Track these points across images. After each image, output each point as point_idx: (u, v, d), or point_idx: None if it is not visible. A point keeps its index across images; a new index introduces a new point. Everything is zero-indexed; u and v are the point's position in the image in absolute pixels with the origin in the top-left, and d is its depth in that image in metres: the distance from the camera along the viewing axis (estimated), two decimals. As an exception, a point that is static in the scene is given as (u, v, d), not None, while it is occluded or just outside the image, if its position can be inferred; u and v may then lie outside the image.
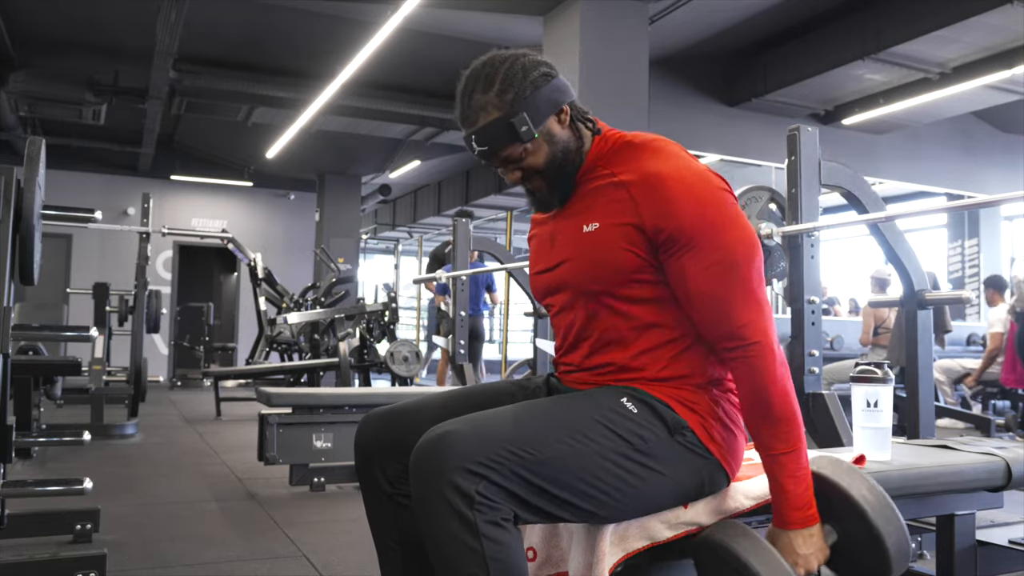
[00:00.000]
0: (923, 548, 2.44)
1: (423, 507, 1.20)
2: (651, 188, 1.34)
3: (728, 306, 1.32)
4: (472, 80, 1.38)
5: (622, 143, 1.43)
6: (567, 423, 1.28)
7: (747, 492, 1.42)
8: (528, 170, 1.41)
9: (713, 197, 1.34)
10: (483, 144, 1.37)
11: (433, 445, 1.21)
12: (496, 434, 1.23)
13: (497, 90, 1.36)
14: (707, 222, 1.32)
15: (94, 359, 5.40)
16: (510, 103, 1.35)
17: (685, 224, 1.31)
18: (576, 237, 1.42)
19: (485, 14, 6.12)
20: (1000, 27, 6.06)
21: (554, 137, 1.40)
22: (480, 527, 1.16)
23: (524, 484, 1.21)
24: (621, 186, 1.37)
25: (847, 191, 2.56)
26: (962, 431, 5.66)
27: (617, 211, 1.36)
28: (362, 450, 1.48)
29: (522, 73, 1.37)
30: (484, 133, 1.36)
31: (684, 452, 1.34)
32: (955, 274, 10.59)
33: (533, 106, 1.36)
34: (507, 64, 1.37)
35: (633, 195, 1.35)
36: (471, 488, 1.17)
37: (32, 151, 2.10)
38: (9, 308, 2.06)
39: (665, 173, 1.34)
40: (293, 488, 3.70)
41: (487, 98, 1.36)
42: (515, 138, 1.36)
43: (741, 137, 7.88)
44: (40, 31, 7.13)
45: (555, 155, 1.40)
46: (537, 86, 1.37)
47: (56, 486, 2.44)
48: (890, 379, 1.73)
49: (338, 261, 9.03)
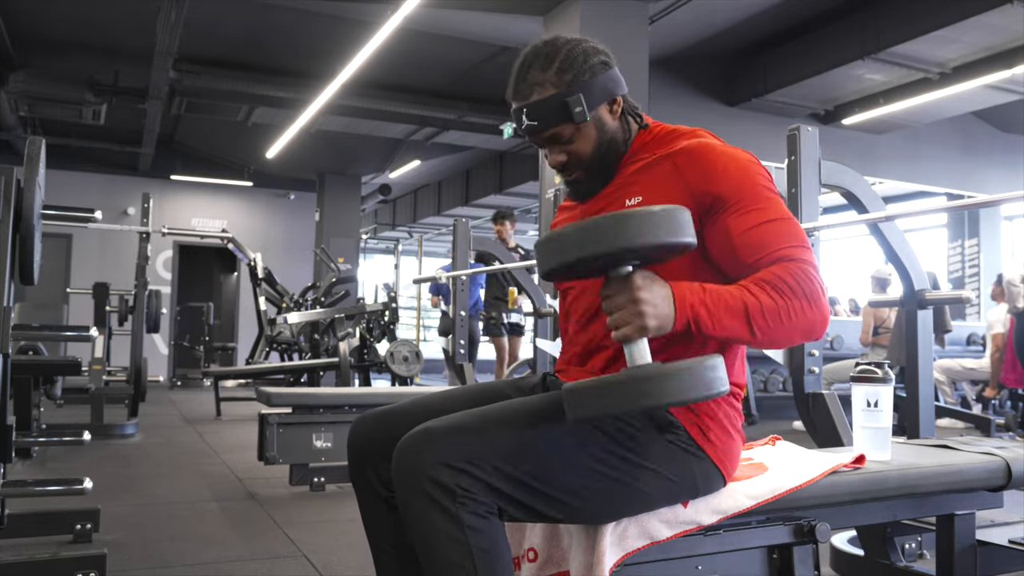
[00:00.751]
0: (923, 548, 2.44)
1: (406, 504, 1.21)
2: (697, 156, 1.35)
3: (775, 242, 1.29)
4: (531, 56, 1.39)
5: (665, 132, 1.45)
6: (552, 419, 1.27)
7: (747, 492, 1.42)
8: (573, 154, 1.41)
9: (755, 167, 1.37)
10: (534, 119, 1.37)
11: (414, 443, 1.22)
12: (477, 430, 1.23)
13: (557, 69, 1.36)
14: (753, 186, 1.33)
15: (94, 359, 5.40)
16: (568, 83, 1.36)
17: (733, 185, 1.32)
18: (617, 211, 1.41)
19: (485, 14, 6.12)
20: (1000, 27, 6.06)
21: (604, 125, 1.41)
22: (464, 518, 1.17)
23: (506, 479, 1.21)
24: (666, 159, 1.38)
25: (847, 191, 2.56)
26: (962, 431, 5.66)
27: (663, 183, 1.37)
28: (355, 452, 1.48)
29: (583, 56, 1.38)
30: (537, 108, 1.37)
31: (675, 451, 1.33)
32: (955, 274, 10.60)
33: (589, 90, 1.37)
34: (569, 46, 1.39)
35: (678, 164, 1.36)
36: (451, 482, 1.17)
37: (32, 151, 2.10)
38: (9, 308, 2.06)
39: (710, 144, 1.37)
40: (293, 488, 3.70)
41: (546, 75, 1.36)
42: (567, 118, 1.36)
43: (741, 137, 7.85)
44: (40, 31, 7.13)
45: (602, 143, 1.41)
46: (595, 72, 1.38)
47: (56, 486, 2.44)
48: (890, 379, 1.73)
49: (338, 261, 9.03)
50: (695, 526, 1.37)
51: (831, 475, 1.53)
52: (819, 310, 1.25)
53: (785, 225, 1.31)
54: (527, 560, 1.46)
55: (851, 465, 1.60)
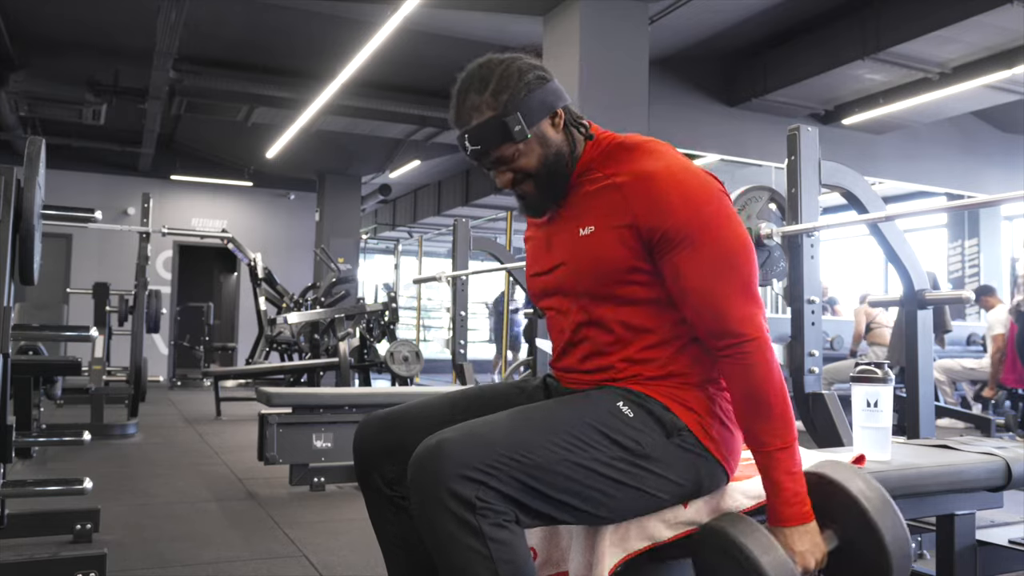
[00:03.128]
0: (923, 548, 2.44)
1: (425, 517, 1.20)
2: (644, 188, 1.34)
3: (724, 303, 1.32)
4: (467, 81, 1.39)
5: (614, 145, 1.43)
6: (563, 428, 1.28)
7: (746, 491, 1.42)
8: (519, 172, 1.41)
9: (706, 195, 1.34)
10: (476, 143, 1.38)
11: (429, 454, 1.22)
12: (492, 440, 1.23)
13: (492, 90, 1.36)
14: (701, 220, 1.32)
15: (94, 359, 5.40)
16: (504, 104, 1.36)
17: (680, 222, 1.31)
18: (572, 241, 1.42)
19: (485, 14, 6.11)
20: (1000, 27, 6.06)
21: (547, 140, 1.40)
22: (485, 531, 1.17)
23: (522, 488, 1.21)
24: (614, 188, 1.38)
25: (847, 191, 2.56)
26: (962, 431, 5.66)
27: (612, 213, 1.37)
28: (360, 454, 1.48)
29: (517, 75, 1.37)
30: (477, 132, 1.37)
31: (681, 453, 1.34)
32: (955, 274, 10.59)
33: (527, 107, 1.37)
34: (503, 66, 1.38)
35: (626, 195, 1.35)
36: (470, 494, 1.17)
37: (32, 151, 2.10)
38: (9, 308, 2.06)
39: (657, 172, 1.34)
40: (293, 488, 3.70)
41: (482, 98, 1.36)
42: (508, 138, 1.36)
43: (741, 137, 7.88)
44: (40, 31, 7.13)
45: (547, 157, 1.40)
46: (531, 88, 1.38)
47: (56, 486, 2.44)
48: (890, 379, 1.73)
49: (338, 261, 9.03)
50: (695, 526, 1.37)
51: (831, 475, 1.52)
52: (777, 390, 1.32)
53: (734, 281, 1.33)
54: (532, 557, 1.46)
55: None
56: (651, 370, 1.38)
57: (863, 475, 1.38)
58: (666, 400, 1.36)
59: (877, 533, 1.30)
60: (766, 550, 1.25)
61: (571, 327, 1.45)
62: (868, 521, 1.31)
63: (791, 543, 1.30)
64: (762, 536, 1.27)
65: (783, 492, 1.31)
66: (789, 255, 2.54)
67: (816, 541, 1.32)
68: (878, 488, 1.35)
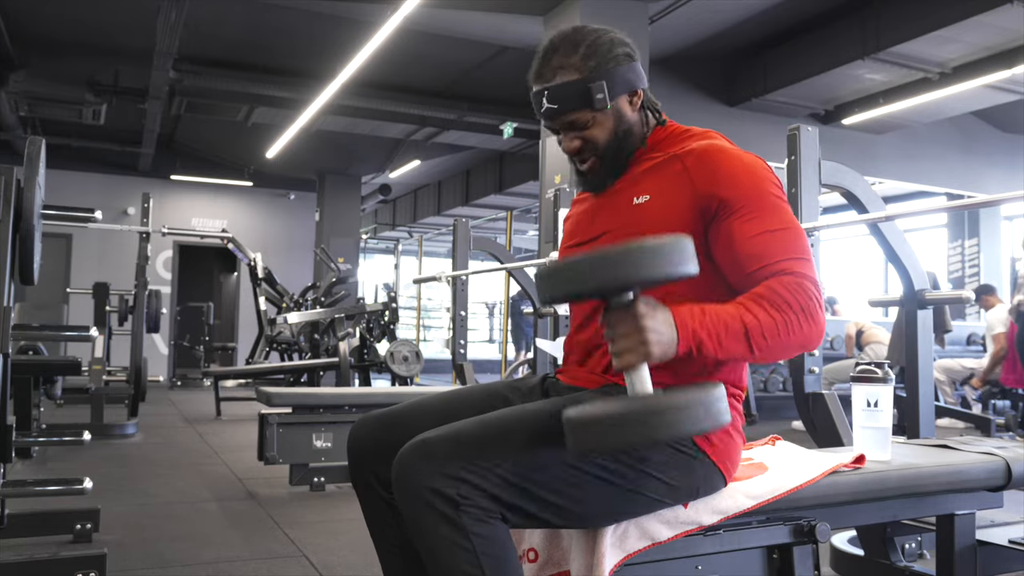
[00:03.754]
0: (923, 548, 2.44)
1: (410, 515, 1.21)
2: (707, 159, 1.35)
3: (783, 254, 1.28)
4: (557, 42, 1.40)
5: (679, 131, 1.46)
6: (548, 426, 1.25)
7: (747, 492, 1.42)
8: (589, 141, 1.41)
9: (764, 172, 1.36)
10: (554, 102, 1.38)
11: (411, 454, 1.22)
12: (475, 439, 1.23)
13: (582, 55, 1.37)
14: (760, 193, 1.33)
15: (94, 359, 5.40)
16: (592, 69, 1.37)
17: (739, 191, 1.32)
18: (623, 209, 1.41)
19: (485, 14, 6.12)
20: (1000, 27, 6.06)
21: (623, 115, 1.41)
22: (468, 526, 1.17)
23: (507, 487, 1.21)
24: (676, 159, 1.38)
25: (847, 191, 2.56)
26: (962, 431, 5.66)
27: (670, 184, 1.37)
28: (355, 455, 1.48)
29: (608, 45, 1.39)
30: (559, 91, 1.37)
31: (677, 455, 1.32)
32: (955, 274, 10.59)
33: (612, 79, 1.38)
34: (595, 34, 1.40)
35: (687, 166, 1.36)
36: (452, 491, 1.17)
37: (32, 151, 2.10)
38: (9, 308, 2.06)
39: (721, 147, 1.37)
40: (293, 488, 3.70)
41: (570, 60, 1.37)
42: (588, 103, 1.37)
43: (741, 137, 7.75)
44: (40, 31, 7.13)
45: (618, 132, 1.41)
46: (619, 62, 1.39)
47: (56, 486, 2.44)
48: (890, 379, 1.73)
49: (338, 261, 9.03)
50: (695, 526, 1.37)
51: (831, 475, 1.53)
52: (815, 324, 1.26)
53: (788, 235, 1.31)
54: (527, 560, 1.46)
55: (851, 465, 1.60)
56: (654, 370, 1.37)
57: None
58: None
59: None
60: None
61: (593, 308, 1.42)
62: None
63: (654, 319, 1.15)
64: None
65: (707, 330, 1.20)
66: (789, 255, 2.53)
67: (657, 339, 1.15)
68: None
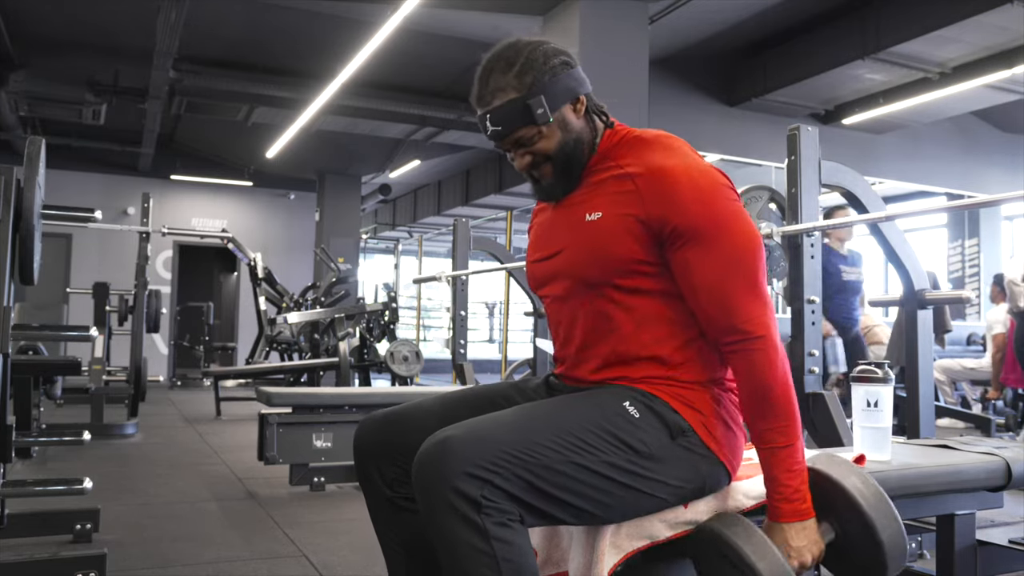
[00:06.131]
0: (923, 548, 2.44)
1: (430, 515, 1.20)
2: (657, 182, 1.34)
3: (732, 300, 1.32)
4: (492, 61, 1.40)
5: (631, 138, 1.44)
6: (569, 428, 1.27)
7: (747, 491, 1.42)
8: (538, 155, 1.41)
9: (718, 193, 1.35)
10: (497, 124, 1.38)
11: (434, 452, 1.21)
12: (497, 438, 1.22)
13: (517, 72, 1.37)
14: (712, 217, 1.33)
15: (94, 359, 5.41)
16: (528, 85, 1.36)
17: (691, 218, 1.32)
18: (577, 225, 1.42)
19: (485, 14, 6.11)
20: (1000, 27, 6.07)
21: (568, 125, 1.40)
22: (489, 529, 1.16)
23: (527, 487, 1.21)
24: (627, 177, 1.38)
25: (847, 191, 2.57)
26: (962, 431, 5.66)
27: (622, 201, 1.37)
28: (361, 454, 1.48)
29: (543, 58, 1.38)
30: (500, 112, 1.37)
31: (685, 454, 1.34)
32: (955, 274, 10.59)
33: (551, 91, 1.37)
34: (529, 48, 1.39)
35: (639, 187, 1.35)
36: (476, 492, 1.17)
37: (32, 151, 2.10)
38: (9, 308, 2.06)
39: (672, 167, 1.35)
40: (293, 488, 3.70)
41: (506, 79, 1.37)
42: (530, 120, 1.37)
43: (741, 137, 7.88)
44: (40, 31, 7.13)
45: (567, 142, 1.40)
46: (556, 72, 1.38)
47: (56, 486, 2.44)
48: (890, 379, 1.73)
49: (338, 261, 9.03)
50: (695, 526, 1.37)
51: (831, 475, 1.52)
52: (784, 374, 1.33)
53: (743, 267, 1.33)
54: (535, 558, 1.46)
55: (851, 465, 1.60)
56: (654, 370, 1.38)
57: (859, 472, 1.38)
58: (671, 400, 1.35)
59: (873, 529, 1.31)
60: (763, 555, 1.25)
61: (569, 316, 1.45)
62: (864, 517, 1.32)
63: (789, 539, 1.30)
64: (758, 539, 1.28)
65: (784, 489, 1.31)
66: (789, 255, 2.54)
67: (814, 537, 1.32)
68: (874, 484, 1.35)
